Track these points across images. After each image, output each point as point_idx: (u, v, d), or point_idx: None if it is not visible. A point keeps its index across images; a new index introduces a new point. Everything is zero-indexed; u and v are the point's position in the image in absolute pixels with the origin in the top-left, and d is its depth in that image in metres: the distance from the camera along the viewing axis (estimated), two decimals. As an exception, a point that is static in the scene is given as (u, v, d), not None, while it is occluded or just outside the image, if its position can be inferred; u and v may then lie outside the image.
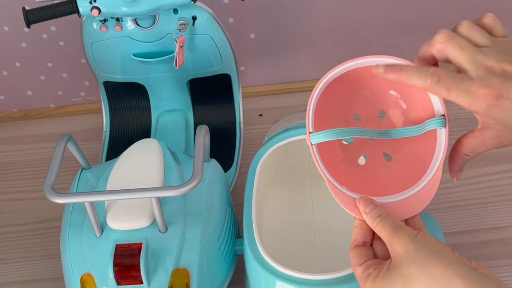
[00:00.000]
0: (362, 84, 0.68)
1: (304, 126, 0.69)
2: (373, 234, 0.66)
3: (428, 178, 0.66)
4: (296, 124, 0.91)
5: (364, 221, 0.65)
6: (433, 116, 0.66)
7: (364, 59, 0.67)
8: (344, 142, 0.70)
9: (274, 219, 0.96)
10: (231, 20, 1.14)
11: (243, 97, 1.11)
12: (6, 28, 1.13)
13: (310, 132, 0.67)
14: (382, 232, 0.62)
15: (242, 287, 0.93)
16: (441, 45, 0.62)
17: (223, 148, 1.10)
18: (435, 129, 0.67)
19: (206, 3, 0.97)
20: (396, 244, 0.60)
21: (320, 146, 0.67)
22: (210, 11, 0.97)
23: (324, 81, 0.67)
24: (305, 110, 0.68)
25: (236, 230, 0.93)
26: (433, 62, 0.65)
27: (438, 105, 0.66)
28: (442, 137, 0.66)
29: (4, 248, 1.05)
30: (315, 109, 0.67)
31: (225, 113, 1.12)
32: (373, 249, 0.65)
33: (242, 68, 1.21)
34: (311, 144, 0.67)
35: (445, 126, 0.66)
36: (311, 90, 0.67)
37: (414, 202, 0.66)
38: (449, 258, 0.58)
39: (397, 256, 0.60)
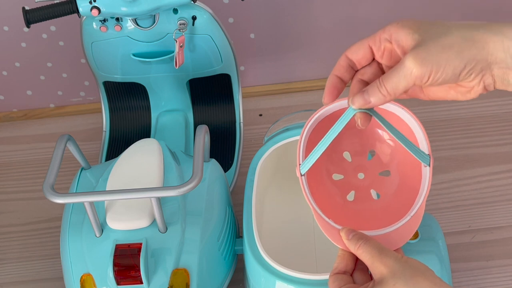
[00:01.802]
0: (351, 123, 0.69)
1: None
2: (355, 266, 0.66)
3: (412, 214, 0.67)
4: (296, 124, 0.90)
5: (347, 251, 0.66)
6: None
7: None
8: (334, 179, 0.71)
9: (274, 219, 0.96)
10: (231, 20, 1.14)
11: (243, 97, 1.11)
12: (6, 28, 1.12)
13: (299, 164, 0.68)
14: (365, 254, 0.63)
15: (242, 287, 0.93)
16: None
17: (223, 148, 1.10)
18: (421, 169, 0.68)
19: (206, 3, 0.97)
20: (380, 265, 0.61)
21: (311, 179, 0.68)
22: (210, 11, 0.97)
23: (315, 117, 0.69)
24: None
25: (236, 230, 0.93)
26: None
27: (424, 145, 0.68)
28: (426, 175, 0.68)
29: (4, 248, 1.05)
30: (306, 144, 0.68)
31: (225, 113, 1.12)
32: (353, 279, 0.66)
33: (242, 68, 1.21)
34: (301, 175, 0.68)
35: (429, 165, 0.67)
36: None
37: (396, 236, 0.67)
38: (435, 277, 0.60)
39: (381, 276, 0.61)
